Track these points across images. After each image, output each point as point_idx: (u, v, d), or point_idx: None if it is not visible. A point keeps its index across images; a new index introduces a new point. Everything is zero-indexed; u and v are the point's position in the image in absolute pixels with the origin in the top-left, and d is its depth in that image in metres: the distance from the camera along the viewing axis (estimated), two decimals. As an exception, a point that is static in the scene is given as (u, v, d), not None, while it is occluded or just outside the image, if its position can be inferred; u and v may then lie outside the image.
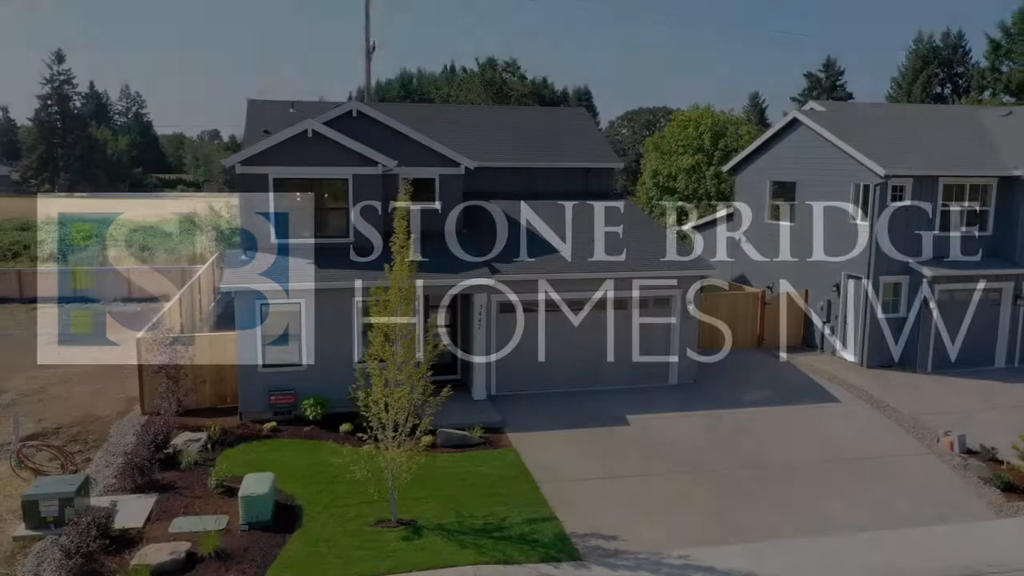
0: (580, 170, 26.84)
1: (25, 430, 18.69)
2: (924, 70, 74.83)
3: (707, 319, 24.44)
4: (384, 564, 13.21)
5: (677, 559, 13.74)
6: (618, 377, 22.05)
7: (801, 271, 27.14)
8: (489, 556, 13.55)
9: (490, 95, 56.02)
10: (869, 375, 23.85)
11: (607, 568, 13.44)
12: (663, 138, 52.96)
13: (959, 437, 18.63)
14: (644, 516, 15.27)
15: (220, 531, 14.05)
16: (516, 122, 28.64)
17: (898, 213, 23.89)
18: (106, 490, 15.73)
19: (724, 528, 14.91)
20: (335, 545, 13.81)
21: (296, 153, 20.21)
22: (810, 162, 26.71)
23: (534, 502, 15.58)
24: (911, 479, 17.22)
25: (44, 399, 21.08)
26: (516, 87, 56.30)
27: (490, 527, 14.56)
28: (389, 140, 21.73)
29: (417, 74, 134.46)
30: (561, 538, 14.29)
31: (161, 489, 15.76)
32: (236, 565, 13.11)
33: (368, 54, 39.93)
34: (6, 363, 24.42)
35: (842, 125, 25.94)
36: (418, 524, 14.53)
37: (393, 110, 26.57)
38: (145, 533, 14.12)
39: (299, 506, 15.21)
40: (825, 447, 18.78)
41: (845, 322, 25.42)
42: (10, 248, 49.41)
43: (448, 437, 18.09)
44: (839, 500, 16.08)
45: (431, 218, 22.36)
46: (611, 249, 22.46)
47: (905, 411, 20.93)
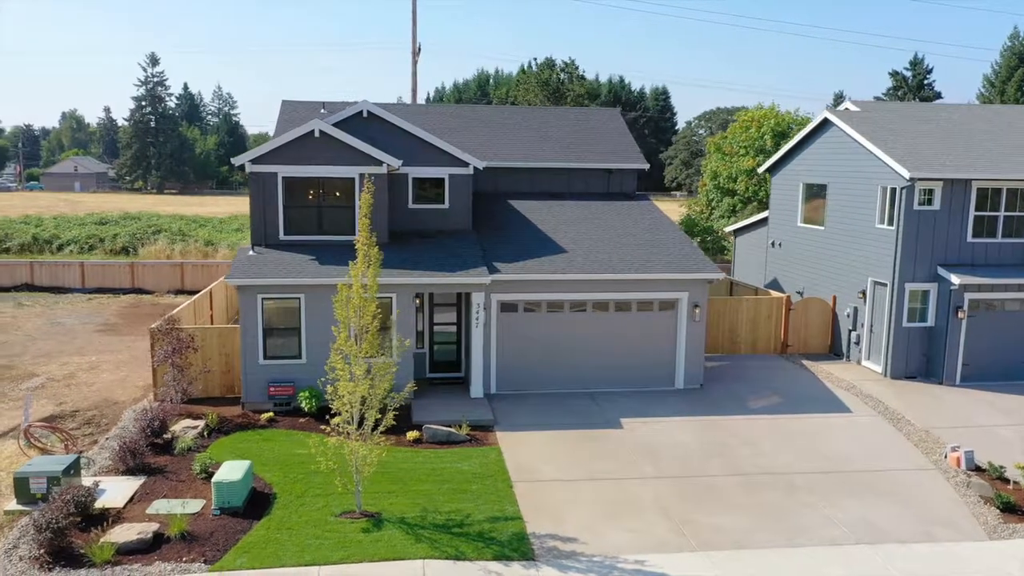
0: (602, 171, 26.76)
1: (45, 412, 19.89)
2: (1020, 68, 71.06)
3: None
4: (337, 554, 13.53)
5: (631, 564, 13.60)
6: (623, 380, 21.85)
7: (830, 276, 26.30)
8: (441, 552, 13.71)
9: (545, 95, 56.07)
10: (891, 386, 22.93)
11: (556, 569, 13.40)
12: (725, 139, 51.92)
13: (966, 453, 17.76)
14: (613, 520, 15.14)
15: (191, 514, 14.64)
16: (542, 122, 28.66)
17: (926, 217, 22.87)
18: (100, 471, 16.59)
19: (691, 535, 14.66)
20: (296, 533, 14.21)
21: (304, 152, 20.81)
22: (840, 164, 25.85)
23: (503, 501, 15.65)
24: (905, 494, 16.53)
25: (72, 384, 22.33)
26: (572, 87, 56.11)
27: (451, 523, 14.71)
28: (399, 140, 22.14)
29: (495, 74, 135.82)
30: (520, 537, 14.32)
31: (151, 472, 16.51)
32: (198, 547, 13.65)
33: (414, 56, 40.67)
34: (48, 350, 25.96)
35: (873, 126, 24.99)
36: (381, 517, 14.80)
37: (409, 111, 27.05)
38: (124, 513, 14.84)
39: (274, 494, 15.70)
40: (823, 458, 18.18)
41: (871, 330, 24.49)
42: (87, 241, 52.29)
43: (434, 433, 18.33)
44: (821, 512, 15.58)
45: (440, 216, 22.68)
46: (619, 250, 22.30)
47: (920, 424, 20.06)
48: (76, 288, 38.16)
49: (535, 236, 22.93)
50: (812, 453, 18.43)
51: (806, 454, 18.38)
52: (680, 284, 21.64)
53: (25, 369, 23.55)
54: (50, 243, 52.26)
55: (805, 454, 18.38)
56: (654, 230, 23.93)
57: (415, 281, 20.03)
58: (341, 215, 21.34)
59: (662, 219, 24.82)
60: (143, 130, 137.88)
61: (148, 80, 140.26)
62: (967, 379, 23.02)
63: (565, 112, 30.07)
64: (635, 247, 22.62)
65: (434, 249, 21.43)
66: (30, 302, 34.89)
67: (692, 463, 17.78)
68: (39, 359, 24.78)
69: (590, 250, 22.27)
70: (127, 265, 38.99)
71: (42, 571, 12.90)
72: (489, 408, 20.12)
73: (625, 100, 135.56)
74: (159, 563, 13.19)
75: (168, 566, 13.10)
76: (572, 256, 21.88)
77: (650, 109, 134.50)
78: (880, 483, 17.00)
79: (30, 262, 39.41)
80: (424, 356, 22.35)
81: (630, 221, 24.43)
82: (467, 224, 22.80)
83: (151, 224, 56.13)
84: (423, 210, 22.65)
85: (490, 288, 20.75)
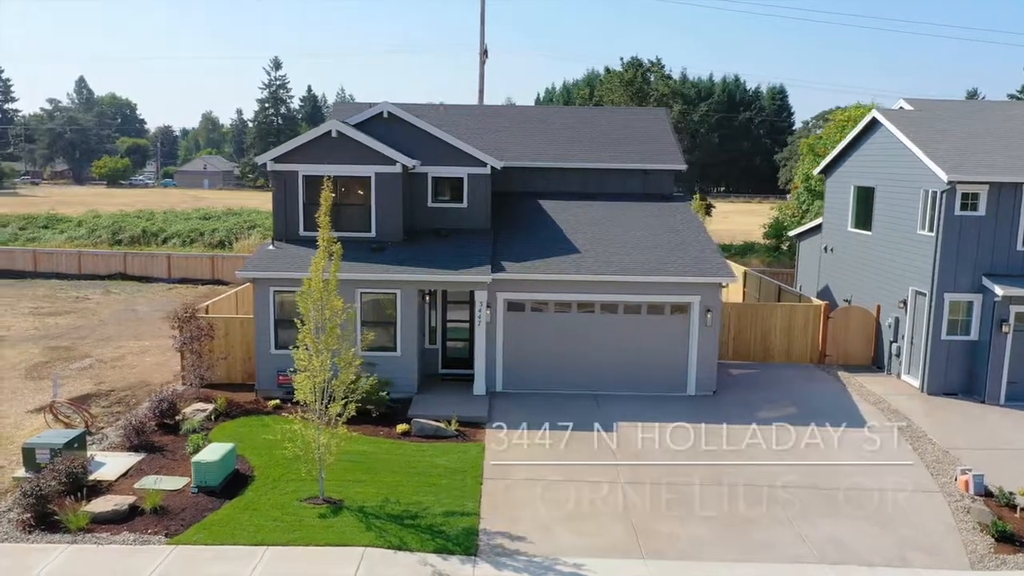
0: (637, 171, 26.42)
1: (83, 390, 21.61)
2: None
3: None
4: (286, 536, 14.12)
5: (569, 567, 13.52)
6: (632, 384, 21.55)
7: (875, 284, 24.98)
8: (385, 541, 14.05)
9: (629, 95, 55.51)
10: (925, 402, 21.57)
11: (492, 566, 13.51)
12: (819, 139, 49.90)
13: (975, 477, 16.56)
14: (571, 522, 15.06)
15: (170, 490, 15.60)
16: (582, 123, 28.56)
17: (968, 224, 21.36)
18: (109, 447, 17.91)
19: (644, 543, 14.39)
20: (258, 514, 14.90)
21: (323, 151, 21.65)
22: (886, 166, 24.49)
23: (466, 496, 15.84)
24: (894, 516, 15.60)
25: (117, 366, 24.11)
26: (656, 87, 55.28)
27: (407, 514, 15.03)
28: (419, 140, 22.65)
29: (604, 73, 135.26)
30: (469, 533, 14.48)
31: (152, 450, 17.67)
32: (165, 521, 14.56)
33: (482, 57, 41.24)
34: (111, 334, 28.07)
35: (920, 125, 23.54)
36: (342, 504, 15.30)
37: (430, 112, 27.49)
38: (114, 486, 15.98)
39: (254, 476, 16.51)
40: (819, 473, 17.36)
41: (911, 343, 23.09)
42: (188, 235, 55.85)
43: (422, 427, 18.72)
44: (793, 529, 14.95)
45: (458, 215, 23.05)
46: (635, 252, 22.00)
47: (943, 444, 18.82)
48: (162, 278, 40.93)
49: (553, 236, 22.93)
50: (806, 467, 17.62)
51: (800, 467, 17.60)
52: (691, 288, 21.13)
53: (82, 351, 25.61)
54: (156, 236, 56.14)
55: (799, 467, 17.60)
56: (679, 232, 23.43)
57: (416, 278, 20.48)
58: (358, 212, 22.07)
59: (691, 221, 24.27)
60: (265, 131, 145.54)
61: (271, 83, 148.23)
62: (1013, 398, 21.36)
63: (607, 112, 29.86)
64: (652, 249, 22.24)
65: (445, 247, 21.83)
66: (117, 290, 37.74)
67: (675, 470, 17.37)
68: (100, 342, 26.85)
69: (604, 251, 22.08)
70: (208, 257, 41.48)
71: (24, 533, 14.13)
72: (486, 405, 20.32)
73: (740, 100, 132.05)
74: (126, 533, 14.17)
75: (132, 536, 14.06)
76: (583, 257, 21.77)
77: (766, 109, 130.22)
78: (871, 502, 16.11)
79: (124, 253, 42.59)
80: (437, 352, 22.80)
81: (657, 223, 24.02)
82: (485, 223, 23.06)
83: (247, 220, 59.30)
84: (442, 208, 23.09)
85: (495, 287, 20.94)
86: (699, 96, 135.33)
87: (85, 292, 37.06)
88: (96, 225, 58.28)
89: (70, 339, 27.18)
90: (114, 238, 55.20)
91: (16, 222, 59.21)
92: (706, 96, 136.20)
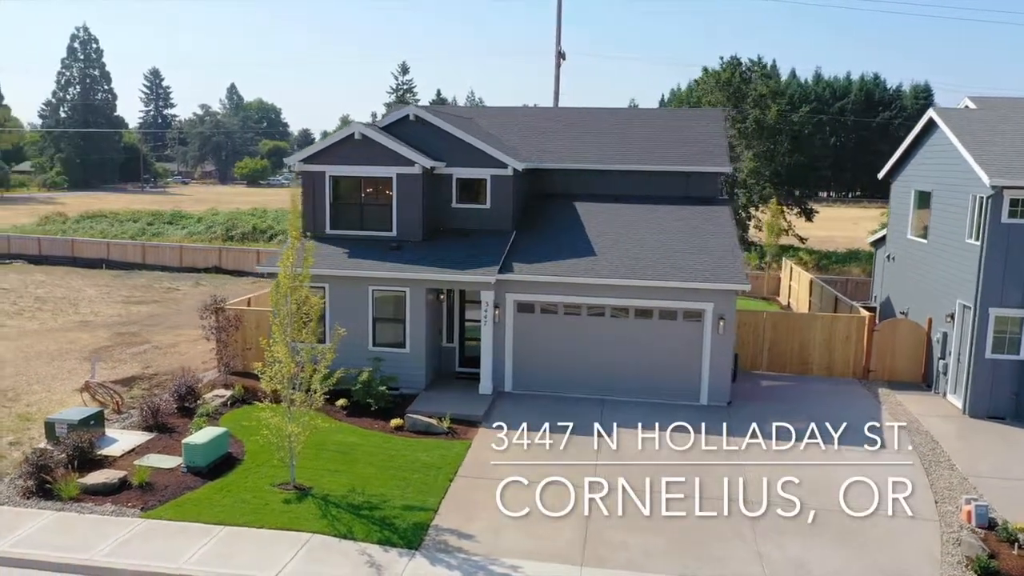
0: (680, 174, 25.75)
1: (131, 372, 23.43)
2: None
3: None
4: (244, 518, 14.84)
5: (504, 568, 13.56)
6: (642, 390, 21.10)
7: (928, 296, 23.29)
8: (334, 529, 14.52)
9: (725, 96, 53.91)
10: (962, 425, 19.95)
11: (428, 561, 13.71)
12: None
13: (978, 507, 15.26)
14: (525, 524, 14.96)
15: (161, 468, 16.72)
16: (628, 124, 28.14)
17: (1017, 232, 19.57)
18: (128, 426, 19.35)
19: (591, 550, 14.20)
20: (229, 496, 15.73)
21: (347, 153, 22.44)
22: (941, 169, 22.79)
23: (430, 492, 16.07)
24: (873, 544, 14.62)
25: (169, 352, 25.91)
26: (754, 87, 53.27)
27: (367, 505, 15.44)
28: (445, 142, 23.06)
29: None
30: (419, 528, 14.72)
31: (164, 431, 18.95)
32: (146, 496, 15.63)
33: (558, 59, 41.29)
34: (179, 323, 30.13)
35: (976, 125, 21.75)
36: (310, 491, 15.90)
37: (461, 112, 27.75)
38: (117, 462, 17.28)
39: (242, 460, 17.43)
40: (804, 491, 16.38)
41: (958, 360, 21.38)
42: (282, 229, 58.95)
43: (415, 423, 19.10)
44: (753, 547, 14.33)
45: (480, 216, 23.29)
46: (655, 256, 21.53)
47: (964, 471, 17.41)
48: (253, 272, 43.38)
49: (574, 239, 22.77)
50: (796, 485, 16.62)
51: (789, 485, 16.54)
52: (704, 294, 20.46)
53: (144, 337, 27.69)
54: (264, 232, 59.57)
55: (788, 485, 16.55)
56: (709, 237, 22.71)
57: (422, 276, 20.91)
58: (380, 212, 22.74)
59: (723, 226, 23.44)
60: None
61: (399, 88, 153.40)
62: (1067, 426, 19.43)
63: (658, 113, 29.24)
64: (672, 254, 21.68)
65: (461, 247, 22.13)
66: (207, 282, 40.41)
67: (655, 480, 16.81)
68: (165, 330, 28.92)
69: (621, 255, 21.73)
70: (293, 253, 43.61)
71: (23, 498, 15.57)
72: (486, 405, 20.47)
73: (879, 99, 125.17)
74: (108, 505, 15.34)
75: (112, 507, 15.21)
76: (597, 260, 21.52)
77: (907, 108, 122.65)
78: (853, 528, 15.13)
79: (219, 248, 45.52)
80: (454, 351, 23.14)
81: (688, 226, 23.37)
82: (508, 223, 23.17)
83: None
84: (465, 209, 23.40)
85: (504, 287, 21.06)
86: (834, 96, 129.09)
87: (178, 284, 39.92)
88: (213, 222, 62.56)
89: (141, 326, 29.43)
90: (227, 234, 58.96)
91: (145, 218, 64.45)
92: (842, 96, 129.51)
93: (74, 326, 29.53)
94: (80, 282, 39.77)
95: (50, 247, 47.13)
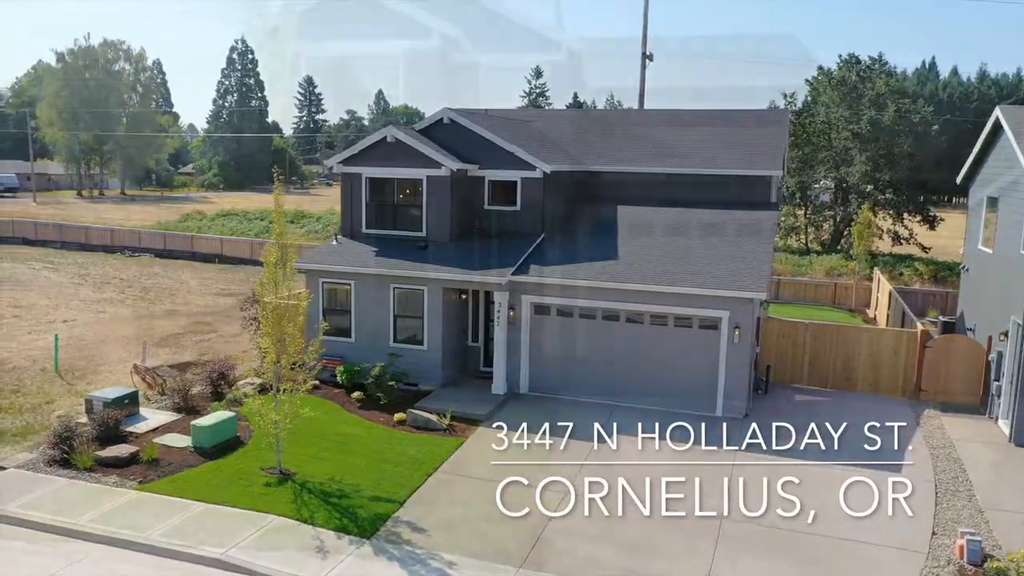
0: (725, 177, 24.93)
1: (187, 358, 25.31)
2: None
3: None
4: (221, 496, 15.77)
5: (441, 563, 13.75)
6: (656, 398, 20.48)
7: (990, 311, 21.37)
8: (298, 513, 15.18)
9: (840, 95, 50.96)
10: (1002, 453, 18.24)
11: (373, 550, 14.11)
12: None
13: (970, 542, 13.98)
14: (484, 524, 15.08)
15: (173, 447, 18.02)
16: (680, 126, 27.42)
17: (1072, 243, 17.67)
18: (163, 407, 20.92)
19: (535, 554, 14.14)
20: (220, 475, 16.77)
21: (381, 155, 23.22)
22: (1006, 174, 20.83)
23: (403, 486, 16.44)
24: (843, 571, 13.70)
25: (230, 341, 27.70)
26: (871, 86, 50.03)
27: (338, 493, 16.03)
28: (477, 145, 23.41)
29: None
30: (378, 519, 15.14)
31: (191, 413, 20.39)
32: (148, 470, 16.91)
33: (643, 60, 40.73)
34: (245, 314, 32.00)
35: (1041, 125, 19.76)
36: (292, 477, 16.70)
37: (518, 115, 27.83)
38: (139, 438, 18.79)
39: (246, 444, 18.50)
40: (791, 513, 15.54)
41: (1011, 381, 19.49)
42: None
43: (415, 418, 19.55)
44: (708, 566, 13.80)
45: (511, 218, 23.46)
46: (678, 262, 21.00)
47: (982, 503, 15.97)
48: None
49: (600, 242, 22.54)
50: (784, 505, 15.80)
51: (777, 504, 15.78)
52: (719, 302, 19.72)
53: (214, 327, 29.72)
54: (331, 232, 62.45)
55: (775, 504, 15.81)
56: (744, 244, 21.85)
57: (438, 276, 21.34)
58: (411, 212, 23.39)
59: (759, 232, 22.47)
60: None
61: (531, 92, 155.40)
62: (1125, 461, 17.32)
63: (718, 114, 28.25)
64: (698, 260, 21.04)
65: (485, 248, 22.39)
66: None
67: (634, 490, 16.42)
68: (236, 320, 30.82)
69: (645, 259, 21.31)
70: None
71: (47, 466, 17.24)
72: (492, 405, 20.62)
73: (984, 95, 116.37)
74: (114, 476, 16.73)
75: (114, 479, 16.59)
76: (617, 264, 21.21)
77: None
78: (828, 554, 14.31)
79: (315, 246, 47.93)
80: (478, 350, 23.43)
81: (723, 232, 22.59)
82: (537, 226, 23.20)
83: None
84: (496, 211, 23.64)
85: (519, 289, 21.16)
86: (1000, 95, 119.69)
87: (273, 278, 42.45)
88: (329, 221, 65.93)
89: (217, 316, 31.60)
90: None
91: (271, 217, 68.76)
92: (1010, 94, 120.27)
93: (162, 314, 32.11)
94: (188, 275, 43.10)
95: (172, 242, 51.29)
